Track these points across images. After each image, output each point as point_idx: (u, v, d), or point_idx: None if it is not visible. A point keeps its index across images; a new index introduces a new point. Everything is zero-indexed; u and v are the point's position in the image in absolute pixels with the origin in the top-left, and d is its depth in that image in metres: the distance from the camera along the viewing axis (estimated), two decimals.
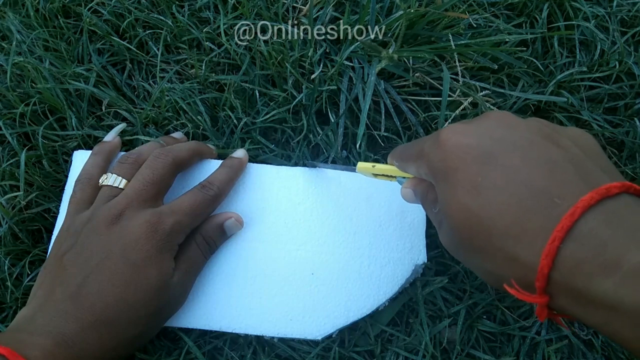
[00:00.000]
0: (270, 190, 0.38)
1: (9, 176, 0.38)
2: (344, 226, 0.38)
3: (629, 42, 0.46)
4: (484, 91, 0.41)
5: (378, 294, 0.36)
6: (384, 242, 0.37)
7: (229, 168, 0.37)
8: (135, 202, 0.33)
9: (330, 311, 0.35)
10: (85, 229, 0.33)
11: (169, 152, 0.36)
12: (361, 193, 0.38)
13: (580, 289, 0.20)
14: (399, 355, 0.36)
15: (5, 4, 0.45)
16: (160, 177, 0.35)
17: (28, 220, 0.38)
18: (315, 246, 0.37)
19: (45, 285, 0.31)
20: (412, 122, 0.41)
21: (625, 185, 0.21)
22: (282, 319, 0.35)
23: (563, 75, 0.42)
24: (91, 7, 0.44)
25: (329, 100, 0.41)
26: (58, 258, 0.32)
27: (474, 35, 0.43)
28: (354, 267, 0.36)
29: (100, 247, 0.31)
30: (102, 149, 0.38)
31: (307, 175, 0.39)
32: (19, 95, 0.41)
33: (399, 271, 0.36)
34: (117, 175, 0.35)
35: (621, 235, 0.19)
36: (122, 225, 0.32)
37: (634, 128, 0.42)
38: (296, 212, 0.38)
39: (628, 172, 0.41)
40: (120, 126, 0.40)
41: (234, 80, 0.41)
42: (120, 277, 0.31)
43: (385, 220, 0.38)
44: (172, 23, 0.43)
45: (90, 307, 0.30)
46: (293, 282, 0.36)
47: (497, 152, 0.23)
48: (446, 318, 0.37)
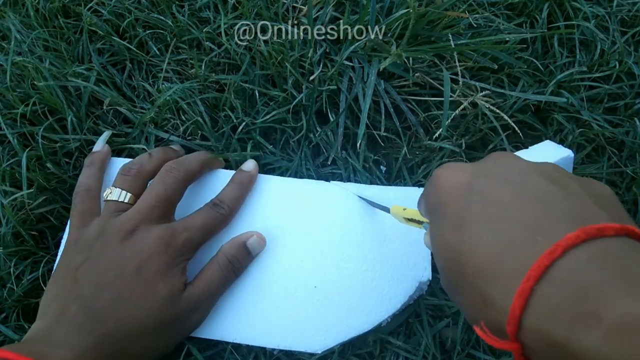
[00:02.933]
0: (275, 201, 0.39)
1: (9, 177, 0.38)
2: (349, 240, 0.37)
3: (629, 42, 0.46)
4: (484, 91, 0.41)
5: (381, 310, 0.35)
6: (388, 258, 0.37)
7: (239, 185, 0.38)
8: (148, 217, 0.34)
9: (332, 325, 0.35)
10: (98, 243, 0.33)
11: (181, 166, 0.36)
12: (367, 208, 0.38)
13: (558, 341, 0.17)
14: (398, 356, 0.36)
15: (5, 4, 0.45)
16: (173, 192, 0.35)
17: (29, 222, 0.38)
18: (319, 259, 0.37)
19: (60, 298, 0.32)
20: (412, 122, 0.41)
21: (626, 228, 0.18)
22: (283, 331, 0.35)
23: (563, 75, 0.42)
24: (91, 7, 0.44)
25: (329, 100, 0.41)
26: (70, 271, 0.33)
27: (474, 35, 0.43)
28: (357, 282, 0.36)
29: (114, 262, 0.32)
30: (94, 159, 0.38)
31: (312, 187, 0.39)
32: (18, 95, 0.41)
33: (402, 288, 0.36)
34: (121, 189, 0.35)
35: (606, 281, 0.16)
36: (136, 241, 0.33)
37: (634, 128, 0.42)
38: (301, 224, 0.38)
39: (628, 173, 0.41)
40: (107, 134, 0.40)
41: (234, 80, 0.41)
42: (132, 291, 0.31)
43: (390, 236, 0.37)
44: (172, 23, 0.43)
45: (105, 321, 0.31)
46: (296, 294, 0.36)
47: (487, 187, 0.22)
48: (446, 318, 0.37)
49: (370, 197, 0.38)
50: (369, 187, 0.39)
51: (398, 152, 0.41)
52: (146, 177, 0.36)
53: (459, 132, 0.40)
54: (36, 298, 0.37)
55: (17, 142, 0.39)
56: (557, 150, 0.38)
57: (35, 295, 0.37)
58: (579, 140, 0.41)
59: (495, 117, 0.40)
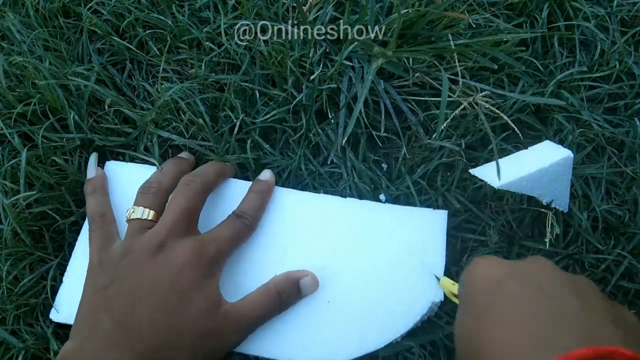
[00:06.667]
0: (291, 215, 0.39)
1: (10, 176, 0.39)
2: (364, 257, 0.37)
3: (629, 42, 0.46)
4: (484, 92, 0.41)
5: (392, 329, 0.35)
6: (402, 277, 0.37)
7: (259, 194, 0.38)
8: (174, 231, 0.34)
9: (344, 341, 0.35)
10: (125, 261, 0.33)
11: (198, 177, 0.36)
12: (384, 226, 0.38)
13: None
14: (398, 355, 0.36)
15: (5, 4, 0.45)
16: (194, 204, 0.35)
17: (29, 220, 0.38)
18: (333, 275, 0.37)
19: (90, 317, 0.32)
20: (412, 122, 0.41)
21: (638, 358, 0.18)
22: (294, 345, 0.35)
23: (563, 75, 0.42)
24: (91, 7, 0.44)
25: (329, 100, 0.41)
26: (98, 290, 0.33)
27: (474, 35, 0.43)
28: (371, 299, 0.36)
29: (147, 277, 0.32)
30: (95, 185, 0.39)
31: (330, 202, 0.39)
32: (19, 95, 0.41)
33: (415, 308, 0.36)
34: (144, 207, 0.36)
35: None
36: (167, 254, 0.33)
37: (634, 128, 0.42)
38: (316, 239, 0.38)
39: (628, 173, 0.41)
40: (93, 158, 0.40)
41: (234, 80, 0.41)
42: (168, 304, 0.31)
43: (405, 256, 0.37)
44: (172, 23, 0.43)
45: (139, 335, 0.30)
46: (308, 309, 0.36)
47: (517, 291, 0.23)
48: (445, 316, 0.37)
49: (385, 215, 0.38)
50: (386, 207, 0.39)
51: (398, 151, 0.41)
52: (165, 192, 0.37)
53: (459, 132, 0.40)
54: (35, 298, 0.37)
55: (19, 141, 0.39)
56: (556, 151, 0.38)
57: (34, 295, 0.37)
58: (579, 140, 0.41)
59: (495, 117, 0.40)
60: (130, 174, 0.40)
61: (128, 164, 0.41)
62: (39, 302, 0.37)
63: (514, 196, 0.39)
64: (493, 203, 0.40)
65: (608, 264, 0.38)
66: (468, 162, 0.40)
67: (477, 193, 0.40)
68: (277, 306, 0.35)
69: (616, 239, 0.39)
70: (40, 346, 0.36)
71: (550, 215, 0.38)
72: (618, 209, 0.40)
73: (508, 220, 0.39)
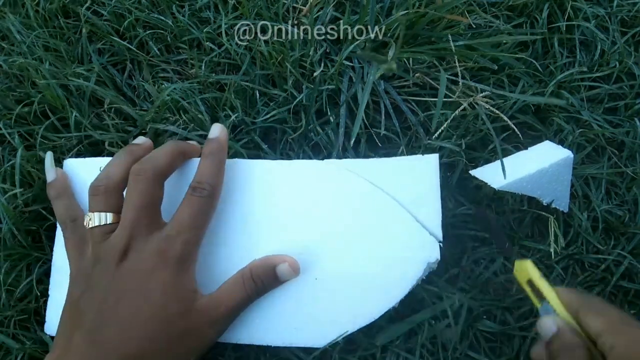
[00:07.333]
0: (262, 188, 0.36)
1: (10, 177, 0.38)
2: (348, 223, 0.35)
3: (629, 42, 0.46)
4: (484, 92, 0.41)
5: (387, 297, 0.33)
6: (393, 240, 0.34)
7: (212, 157, 0.34)
8: (136, 230, 0.32)
9: (336, 317, 0.34)
10: (95, 270, 0.32)
11: (147, 165, 0.33)
12: (368, 184, 0.35)
13: None
14: (398, 356, 0.36)
15: (5, 4, 0.45)
16: (150, 197, 0.32)
17: (27, 220, 0.38)
18: (317, 248, 0.35)
19: (65, 330, 0.31)
20: (412, 122, 0.41)
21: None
22: (286, 328, 0.34)
23: (563, 75, 0.42)
24: (91, 7, 0.44)
25: (329, 100, 0.41)
26: (73, 304, 0.32)
27: (474, 35, 0.43)
28: (361, 270, 0.34)
29: (114, 286, 0.31)
30: (59, 188, 0.36)
31: (304, 168, 0.36)
32: (19, 96, 0.41)
33: (410, 271, 0.34)
34: (99, 212, 0.33)
35: None
36: (132, 260, 0.31)
37: (634, 128, 0.42)
38: (294, 210, 0.35)
39: (628, 173, 0.41)
40: (49, 158, 0.38)
41: (234, 80, 0.41)
42: (140, 314, 0.30)
43: (395, 213, 0.34)
44: (173, 23, 0.43)
45: (113, 347, 0.29)
46: (296, 289, 0.34)
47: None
48: (446, 318, 0.37)
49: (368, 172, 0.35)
50: (367, 162, 0.36)
51: (398, 151, 0.41)
52: (117, 187, 0.33)
53: (459, 133, 0.40)
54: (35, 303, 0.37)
55: (19, 141, 0.39)
56: (556, 151, 0.38)
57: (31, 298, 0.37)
58: (579, 141, 0.41)
59: (495, 117, 0.40)
60: (92, 169, 0.36)
61: (87, 159, 0.39)
62: (39, 305, 0.37)
63: (514, 197, 0.39)
64: (493, 203, 0.40)
65: (608, 264, 0.38)
66: (468, 162, 0.40)
67: (477, 193, 0.40)
68: (254, 292, 0.33)
69: (616, 239, 0.39)
70: (39, 349, 0.36)
71: (553, 222, 0.38)
72: (618, 209, 0.40)
73: (508, 220, 0.39)
